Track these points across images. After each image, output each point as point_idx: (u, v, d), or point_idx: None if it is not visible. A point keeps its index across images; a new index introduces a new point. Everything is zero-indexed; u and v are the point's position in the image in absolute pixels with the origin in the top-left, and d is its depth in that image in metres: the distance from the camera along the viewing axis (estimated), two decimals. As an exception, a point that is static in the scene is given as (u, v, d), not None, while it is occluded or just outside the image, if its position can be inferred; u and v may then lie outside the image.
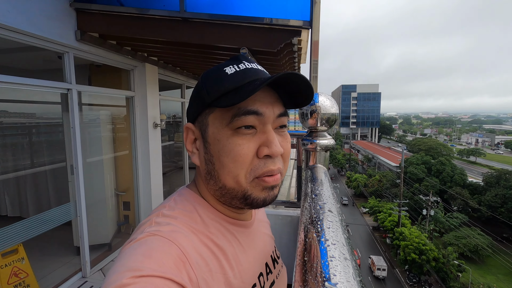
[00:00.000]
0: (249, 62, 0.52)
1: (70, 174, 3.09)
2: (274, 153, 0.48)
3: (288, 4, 2.55)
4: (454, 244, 23.06)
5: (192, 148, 0.54)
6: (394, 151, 53.21)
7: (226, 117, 0.48)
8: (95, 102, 3.77)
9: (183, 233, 0.45)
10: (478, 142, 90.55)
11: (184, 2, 2.59)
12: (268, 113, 0.49)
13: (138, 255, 0.39)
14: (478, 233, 23.77)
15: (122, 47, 3.40)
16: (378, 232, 29.10)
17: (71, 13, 2.75)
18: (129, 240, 0.44)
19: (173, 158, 5.93)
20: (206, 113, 0.51)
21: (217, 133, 0.49)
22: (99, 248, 3.58)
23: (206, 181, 0.53)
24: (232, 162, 0.47)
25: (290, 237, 2.08)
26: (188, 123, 0.55)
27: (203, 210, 0.52)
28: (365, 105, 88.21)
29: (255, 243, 0.60)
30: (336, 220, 0.53)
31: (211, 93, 0.49)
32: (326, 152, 1.17)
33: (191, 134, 0.54)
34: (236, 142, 0.47)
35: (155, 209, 0.52)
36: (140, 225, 0.47)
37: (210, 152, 0.51)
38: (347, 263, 0.37)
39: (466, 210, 29.83)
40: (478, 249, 22.68)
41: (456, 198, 30.60)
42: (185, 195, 0.55)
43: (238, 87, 0.48)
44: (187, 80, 5.58)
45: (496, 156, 67.33)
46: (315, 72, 2.85)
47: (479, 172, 42.62)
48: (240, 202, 0.51)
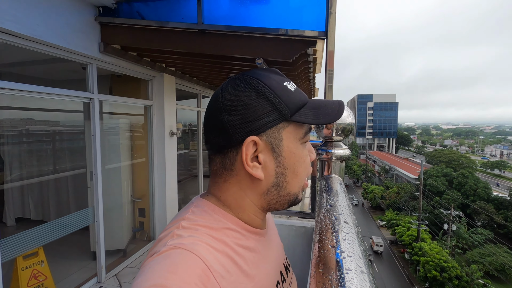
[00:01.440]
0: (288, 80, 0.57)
1: (90, 180, 3.19)
2: (313, 158, 0.58)
3: (304, 15, 2.57)
4: (479, 262, 21.78)
5: (253, 162, 0.51)
6: (412, 163, 51.59)
7: (300, 132, 0.54)
8: (115, 111, 3.90)
9: (206, 245, 0.45)
10: (503, 154, 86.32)
11: (202, 15, 2.67)
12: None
13: (163, 271, 0.39)
14: (505, 250, 22.36)
15: (142, 58, 3.53)
16: (396, 247, 27.97)
17: (96, 26, 2.89)
18: (151, 253, 0.44)
19: (188, 166, 6.01)
20: (280, 127, 0.51)
21: (293, 147, 0.53)
22: (114, 253, 3.64)
23: (267, 192, 0.53)
24: (304, 170, 0.56)
25: (303, 249, 2.04)
26: (253, 137, 0.49)
27: (223, 220, 0.52)
28: (381, 115, 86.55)
29: (271, 251, 0.60)
30: (352, 231, 0.52)
31: (291, 108, 0.51)
32: (341, 162, 1.15)
33: (252, 148, 0.50)
34: (305, 153, 0.56)
35: (173, 221, 0.52)
36: (161, 238, 0.47)
37: (284, 165, 0.53)
38: (364, 277, 0.36)
39: (491, 226, 28.24)
40: (505, 268, 21.28)
41: (480, 213, 29.07)
42: (203, 206, 0.54)
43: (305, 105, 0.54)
44: (203, 89, 5.69)
45: (523, 169, 63.77)
46: (330, 82, 2.84)
47: (505, 186, 40.46)
48: (289, 203, 0.57)
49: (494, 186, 37.99)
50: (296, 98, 0.52)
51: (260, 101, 0.49)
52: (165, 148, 4.18)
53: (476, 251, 23.04)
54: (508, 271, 21.23)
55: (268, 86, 0.50)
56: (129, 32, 2.89)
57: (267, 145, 0.51)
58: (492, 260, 21.57)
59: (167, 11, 2.73)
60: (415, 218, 26.18)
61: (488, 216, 28.52)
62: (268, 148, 0.51)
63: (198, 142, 5.90)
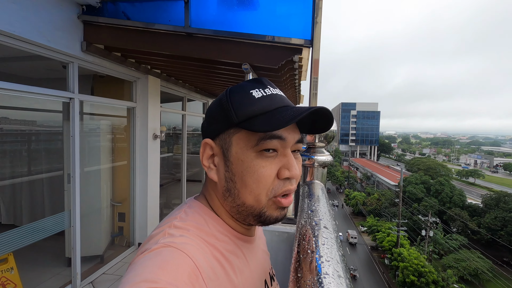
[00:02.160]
0: (273, 87, 0.55)
1: (67, 183, 3.07)
2: (294, 176, 0.51)
3: (290, 23, 2.62)
4: (454, 267, 22.58)
5: (209, 163, 0.55)
6: (393, 170, 53.10)
7: (252, 139, 0.50)
8: (96, 112, 3.79)
9: (196, 246, 0.46)
10: (476, 164, 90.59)
11: (189, 18, 2.66)
12: (290, 138, 0.52)
13: (154, 267, 0.39)
14: (478, 256, 23.32)
15: (127, 59, 3.47)
16: (376, 252, 28.54)
17: (78, 25, 2.82)
18: (142, 250, 0.44)
19: (171, 170, 5.91)
20: (231, 133, 0.52)
21: (241, 153, 0.51)
22: (91, 260, 3.50)
23: (223, 197, 0.54)
24: (255, 182, 0.50)
25: (286, 254, 2.05)
26: (207, 139, 0.55)
27: (213, 223, 0.53)
28: (364, 123, 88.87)
29: (257, 259, 0.61)
30: (331, 236, 0.53)
31: (239, 114, 0.50)
32: (323, 168, 1.17)
33: (209, 150, 0.55)
34: (260, 164, 0.50)
35: (165, 220, 0.52)
36: (153, 235, 0.48)
37: (231, 171, 0.52)
38: (341, 281, 0.37)
39: (465, 232, 29.42)
40: (478, 273, 22.17)
41: (456, 220, 30.25)
42: (195, 207, 0.55)
43: (267, 112, 0.50)
44: (189, 93, 5.65)
45: (494, 178, 67.20)
46: (315, 90, 2.89)
47: (478, 194, 42.38)
48: (255, 219, 0.53)
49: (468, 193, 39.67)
50: (255, 106, 0.50)
51: (217, 107, 0.54)
52: (147, 151, 4.09)
53: (451, 256, 23.88)
54: (481, 275, 22.14)
55: (229, 95, 0.53)
56: (114, 32, 2.84)
57: (220, 149, 0.53)
58: (466, 265, 22.43)
59: (153, 13, 2.71)
60: (394, 224, 26.87)
61: (462, 222, 29.70)
62: (221, 152, 0.53)
63: (182, 145, 5.82)
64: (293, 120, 0.47)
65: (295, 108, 0.51)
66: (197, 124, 7.01)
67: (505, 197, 29.83)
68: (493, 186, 50.58)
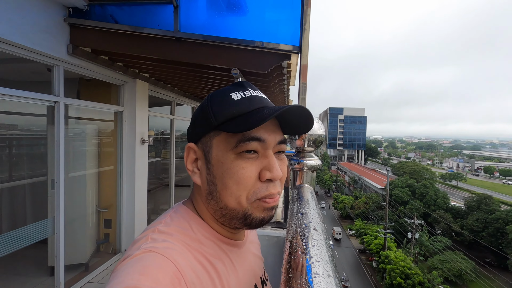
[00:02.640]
0: (253, 89, 0.55)
1: (50, 189, 2.98)
2: (275, 177, 0.51)
3: (279, 29, 2.67)
4: (439, 268, 23.11)
5: (193, 167, 0.56)
6: (380, 174, 54.13)
7: (231, 141, 0.50)
8: (82, 116, 3.71)
9: (179, 250, 0.45)
10: (459, 167, 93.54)
11: (178, 23, 2.66)
12: (270, 139, 0.52)
13: (135, 273, 0.39)
14: (461, 257, 23.97)
15: (114, 62, 3.43)
16: (364, 255, 28.88)
17: (65, 28, 2.77)
18: (125, 256, 0.44)
19: (159, 175, 5.83)
20: (211, 136, 0.53)
21: (221, 156, 0.51)
22: (75, 268, 3.39)
23: (207, 201, 0.54)
24: (235, 184, 0.50)
25: (276, 259, 2.05)
26: (190, 143, 0.56)
27: (198, 228, 0.53)
28: (351, 127, 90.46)
29: (246, 263, 0.60)
30: (321, 238, 0.54)
31: (218, 117, 0.51)
32: (312, 172, 1.19)
33: (193, 154, 0.56)
34: (240, 166, 0.50)
35: (150, 225, 0.52)
36: (136, 241, 0.47)
37: (213, 173, 0.52)
38: (330, 280, 0.38)
39: (449, 234, 30.22)
40: (462, 274, 22.77)
41: (440, 222, 31.05)
42: (181, 212, 0.55)
43: (245, 114, 0.51)
44: (178, 97, 5.61)
45: (476, 181, 69.54)
46: (303, 94, 2.94)
47: (461, 196, 43.70)
48: (240, 222, 0.53)
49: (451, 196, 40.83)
50: (233, 108, 0.51)
51: (199, 112, 0.56)
52: (135, 156, 4.03)
53: (436, 258, 24.45)
54: (465, 276, 22.74)
55: (210, 99, 0.54)
56: (101, 35, 2.81)
57: (202, 153, 0.54)
58: (450, 266, 23.00)
59: (142, 17, 2.70)
60: (382, 227, 27.31)
61: (446, 224, 30.51)
62: (203, 155, 0.54)
63: (170, 150, 5.76)
64: (266, 118, 0.46)
65: (272, 107, 0.51)
66: (185, 128, 6.94)
67: (486, 199, 30.90)
68: (474, 189, 52.31)
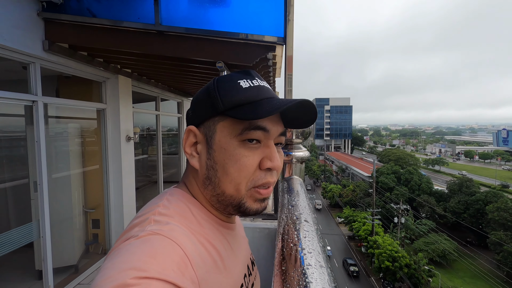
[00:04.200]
0: (261, 79, 0.55)
1: (33, 191, 2.88)
2: (275, 167, 0.52)
3: (263, 21, 2.64)
4: (424, 250, 24.08)
5: (191, 151, 0.55)
6: (366, 162, 55.31)
7: (237, 128, 0.50)
8: (63, 115, 3.59)
9: (183, 233, 0.45)
10: (441, 152, 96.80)
11: (159, 15, 2.59)
12: (273, 130, 0.52)
13: (143, 255, 0.38)
14: (445, 238, 25.05)
15: (94, 58, 3.31)
16: (353, 241, 29.69)
17: (39, 23, 2.64)
18: (128, 236, 0.42)
19: (147, 172, 5.74)
20: (216, 120, 0.52)
21: (225, 142, 0.51)
22: (64, 270, 3.33)
23: (204, 185, 0.54)
24: (237, 171, 0.50)
25: (268, 249, 2.08)
26: (191, 126, 0.55)
27: (197, 210, 0.53)
28: (338, 117, 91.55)
29: (240, 245, 0.62)
30: (312, 229, 0.55)
31: (226, 102, 0.50)
32: (301, 163, 1.20)
33: (192, 137, 0.55)
34: (243, 153, 0.50)
35: (146, 208, 0.50)
36: (135, 224, 0.46)
37: (213, 158, 0.52)
38: (323, 271, 0.39)
39: (433, 217, 31.44)
40: (445, 254, 23.84)
41: (424, 206, 32.21)
42: (178, 195, 0.55)
43: (253, 102, 0.51)
44: (162, 92, 5.50)
45: (457, 165, 72.27)
46: (289, 86, 2.94)
47: (444, 180, 45.39)
48: (234, 209, 0.54)
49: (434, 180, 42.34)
50: (242, 95, 0.51)
51: (204, 95, 0.54)
52: (121, 154, 3.94)
53: (421, 240, 25.44)
54: (448, 256, 23.83)
55: (216, 83, 0.53)
56: (79, 30, 2.69)
57: (203, 137, 0.54)
58: (435, 248, 24.01)
59: (121, 10, 2.60)
60: (369, 214, 28.09)
61: (430, 208, 31.70)
62: (204, 139, 0.54)
63: (157, 146, 5.67)
64: (278, 109, 0.47)
65: (281, 99, 0.52)
66: (172, 124, 6.84)
67: (466, 182, 32.22)
68: (456, 173, 54.41)
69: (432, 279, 21.00)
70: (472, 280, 22.79)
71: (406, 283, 21.36)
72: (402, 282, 21.58)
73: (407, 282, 21.21)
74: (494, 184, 45.19)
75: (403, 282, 21.56)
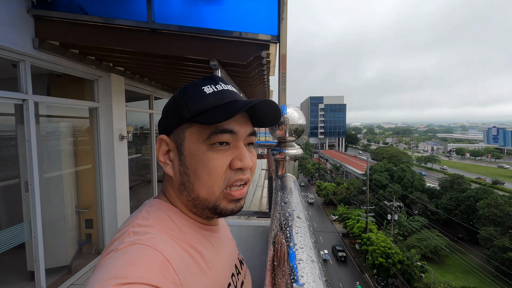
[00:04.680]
0: (225, 83, 0.56)
1: (25, 191, 2.84)
2: (246, 166, 0.54)
3: (257, 19, 2.64)
4: (417, 246, 24.44)
5: (165, 159, 0.56)
6: (360, 160, 55.77)
7: (204, 133, 0.52)
8: (54, 114, 3.54)
9: (163, 240, 0.46)
10: (433, 150, 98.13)
11: (152, 13, 2.57)
12: (241, 132, 0.54)
13: (123, 263, 0.38)
14: (437, 234, 25.45)
15: (86, 56, 3.26)
16: (347, 239, 29.96)
17: (29, 20, 2.60)
18: (108, 250, 0.43)
19: (141, 172, 5.70)
20: (184, 128, 0.54)
21: (194, 147, 0.53)
22: (57, 271, 3.29)
23: (179, 191, 0.55)
24: (208, 174, 0.52)
25: (262, 247, 2.09)
26: (162, 135, 0.56)
27: (176, 217, 0.54)
28: (332, 116, 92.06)
29: (225, 246, 0.63)
30: (304, 225, 0.56)
31: (191, 109, 0.52)
32: (295, 161, 1.21)
33: (165, 146, 0.56)
34: (211, 157, 0.52)
35: (126, 222, 0.51)
36: (116, 238, 0.47)
37: (185, 164, 0.53)
38: (314, 265, 0.40)
39: (425, 213, 31.90)
40: (437, 250, 24.23)
41: (417, 203, 32.65)
42: (156, 205, 0.56)
43: (217, 107, 0.52)
44: (155, 91, 5.46)
45: (449, 162, 73.40)
46: (283, 84, 2.95)
47: (436, 178, 46.05)
48: (211, 212, 0.55)
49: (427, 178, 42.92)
50: (205, 101, 0.52)
51: (171, 104, 0.56)
52: (114, 153, 3.91)
53: (414, 237, 25.81)
54: (440, 252, 24.23)
55: (182, 92, 0.54)
56: (70, 27, 2.65)
57: (174, 144, 0.55)
58: (427, 244, 24.38)
59: (114, 8, 2.57)
60: (363, 211, 28.37)
61: (423, 205, 32.16)
62: (175, 147, 0.55)
63: (151, 145, 5.63)
64: (238, 111, 0.49)
65: (242, 101, 0.53)
66: (166, 122, 6.79)
67: (458, 179, 32.76)
68: (447, 170, 55.24)
69: (424, 275, 21.33)
70: (463, 275, 23.22)
71: (399, 279, 21.68)
72: (395, 278, 21.90)
73: (400, 278, 21.53)
74: (484, 180, 46.06)
75: (396, 278, 21.87)
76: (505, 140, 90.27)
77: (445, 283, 20.43)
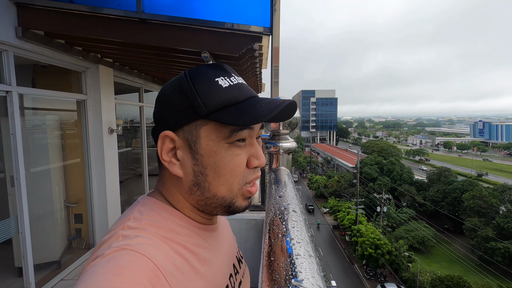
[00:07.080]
0: (236, 75, 0.53)
1: (10, 186, 2.76)
2: (262, 164, 0.52)
3: (249, 10, 2.59)
4: (405, 237, 25.10)
5: (170, 158, 0.51)
6: (351, 153, 56.49)
7: (224, 131, 0.48)
8: (40, 106, 3.43)
9: (155, 245, 0.43)
10: (422, 143, 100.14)
11: (141, 2, 2.49)
12: (256, 127, 0.52)
13: (108, 274, 0.35)
14: (424, 225, 26.19)
15: (72, 47, 3.16)
16: (338, 231, 30.51)
17: (10, 8, 2.48)
18: (94, 256, 0.40)
19: (131, 165, 5.62)
20: (198, 125, 0.49)
21: (214, 145, 0.49)
22: (46, 267, 3.24)
23: (190, 192, 0.51)
24: (229, 172, 0.50)
25: (255, 240, 2.09)
26: (167, 132, 0.49)
27: (172, 218, 0.51)
28: (323, 109, 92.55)
29: (223, 245, 0.61)
30: (300, 219, 0.55)
31: (208, 106, 0.47)
32: (288, 154, 1.20)
33: (170, 143, 0.50)
34: (234, 153, 0.50)
35: (117, 222, 0.48)
36: (104, 240, 0.44)
37: (202, 164, 0.49)
38: (312, 260, 0.39)
39: (413, 205, 32.71)
40: (424, 241, 24.96)
41: (405, 195, 33.42)
42: (150, 204, 0.52)
43: (237, 104, 0.49)
44: (146, 83, 5.36)
45: (436, 155, 75.16)
46: (276, 78, 2.93)
47: (424, 170, 47.11)
48: (223, 210, 0.53)
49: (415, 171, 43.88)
50: (224, 96, 0.48)
51: (179, 96, 0.49)
52: (103, 147, 3.83)
53: (402, 228, 26.49)
54: (427, 242, 24.99)
55: (191, 81, 0.48)
56: (55, 16, 2.55)
57: (184, 142, 0.50)
58: (414, 235, 25.09)
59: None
60: (353, 203, 28.87)
61: (411, 197, 32.94)
62: (186, 145, 0.50)
63: (141, 139, 5.55)
64: (269, 115, 0.46)
65: (266, 100, 0.50)
66: (156, 116, 6.69)
67: (445, 172, 33.62)
68: (435, 163, 56.58)
69: (411, 265, 22.00)
70: (449, 264, 24.05)
71: (387, 269, 22.29)
72: (383, 268, 22.50)
73: (388, 268, 22.14)
74: (470, 173, 47.41)
75: (384, 268, 22.48)
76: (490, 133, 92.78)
77: (431, 272, 21.13)
